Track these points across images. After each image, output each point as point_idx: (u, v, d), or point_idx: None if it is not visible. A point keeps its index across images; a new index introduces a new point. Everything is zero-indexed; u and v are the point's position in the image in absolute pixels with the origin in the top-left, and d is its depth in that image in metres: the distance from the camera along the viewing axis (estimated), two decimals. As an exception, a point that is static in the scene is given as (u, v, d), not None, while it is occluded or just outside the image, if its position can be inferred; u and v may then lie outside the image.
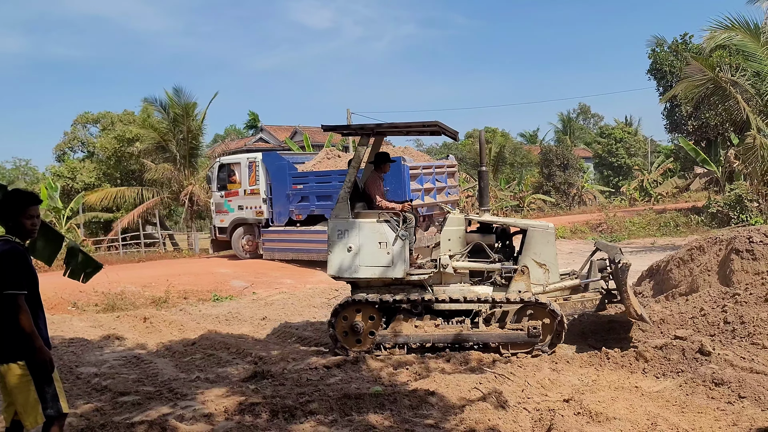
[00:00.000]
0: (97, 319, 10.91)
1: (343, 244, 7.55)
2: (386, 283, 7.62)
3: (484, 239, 7.72)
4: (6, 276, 3.86)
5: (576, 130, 70.47)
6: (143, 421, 5.38)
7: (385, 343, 7.46)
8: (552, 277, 7.50)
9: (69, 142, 37.16)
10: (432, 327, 7.42)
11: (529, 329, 7.11)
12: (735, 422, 4.84)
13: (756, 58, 17.70)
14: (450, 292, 7.50)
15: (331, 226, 7.69)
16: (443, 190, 16.32)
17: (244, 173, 18.10)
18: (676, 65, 29.52)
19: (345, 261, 7.55)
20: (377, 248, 7.46)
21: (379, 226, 7.51)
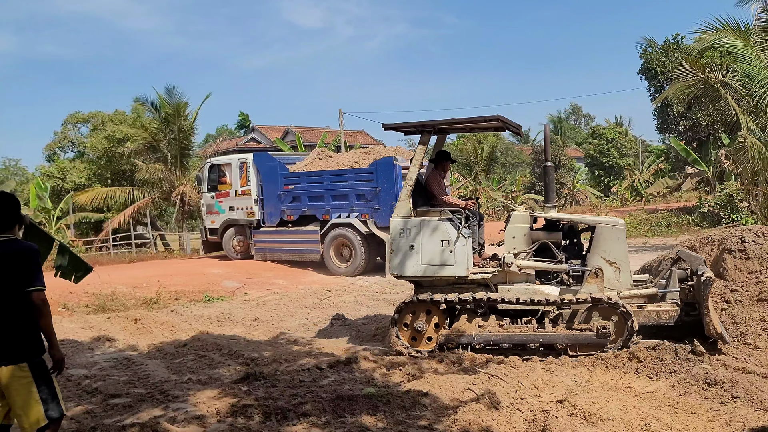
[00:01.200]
0: (87, 320, 10.83)
1: (405, 242, 7.44)
2: (449, 282, 7.47)
3: (550, 237, 7.48)
4: (33, 272, 3.98)
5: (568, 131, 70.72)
6: (134, 424, 5.33)
7: (448, 344, 7.28)
8: (623, 276, 7.20)
9: (59, 142, 36.94)
10: (496, 327, 7.23)
11: (599, 330, 6.84)
12: (728, 422, 4.85)
13: (745, 59, 17.79)
14: (516, 292, 7.28)
15: (393, 225, 7.55)
16: None
17: (234, 174, 18.02)
18: (668, 66, 29.68)
19: (407, 260, 7.43)
20: (440, 246, 7.33)
21: (442, 224, 7.37)
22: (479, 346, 7.19)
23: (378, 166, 15.06)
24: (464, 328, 7.29)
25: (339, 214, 15.70)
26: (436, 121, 7.62)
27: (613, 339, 6.86)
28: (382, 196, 14.90)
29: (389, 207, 14.44)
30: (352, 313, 10.59)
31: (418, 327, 7.45)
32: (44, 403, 4.00)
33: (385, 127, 7.79)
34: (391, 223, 7.58)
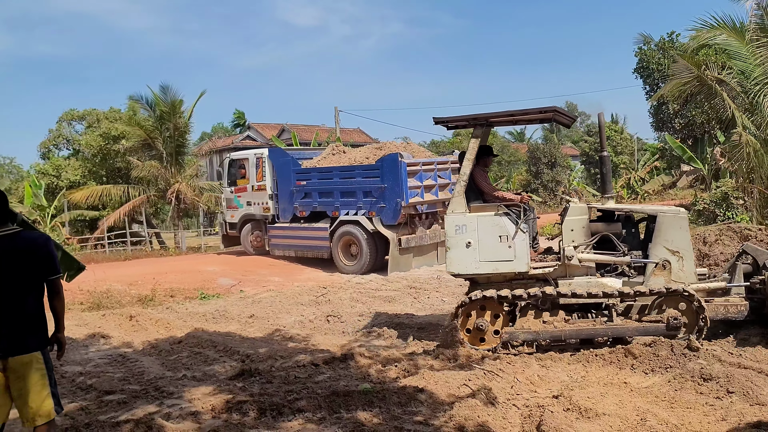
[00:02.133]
0: (82, 317, 10.79)
1: (462, 239, 7.26)
2: (507, 279, 7.35)
3: (609, 229, 7.36)
4: (53, 261, 4.11)
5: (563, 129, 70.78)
6: (129, 420, 5.31)
7: (512, 341, 7.09)
8: (687, 266, 7.06)
9: (54, 140, 36.73)
10: (561, 322, 7.04)
11: (669, 320, 6.73)
12: (724, 417, 4.85)
13: (740, 57, 17.81)
14: (580, 285, 7.14)
15: (448, 222, 7.38)
16: (447, 186, 15.44)
17: (251, 169, 17.89)
18: (663, 63, 29.70)
19: (464, 257, 7.26)
20: (498, 242, 7.17)
21: (499, 219, 7.21)
22: (545, 343, 7.03)
23: (383, 163, 14.79)
24: (529, 325, 7.10)
25: (347, 211, 15.47)
26: (489, 114, 7.45)
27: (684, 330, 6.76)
28: (388, 193, 14.67)
29: (395, 205, 14.39)
30: (347, 310, 10.59)
31: (480, 325, 7.21)
32: (53, 397, 4.04)
33: (435, 120, 7.60)
34: (446, 220, 7.41)
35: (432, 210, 15.51)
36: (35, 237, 4.14)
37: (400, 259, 14.92)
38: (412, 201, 14.63)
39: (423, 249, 15.46)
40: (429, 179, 15.15)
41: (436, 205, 15.44)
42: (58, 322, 4.24)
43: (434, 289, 12.29)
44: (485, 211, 7.35)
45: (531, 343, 7.06)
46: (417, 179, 14.78)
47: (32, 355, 3.99)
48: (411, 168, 14.61)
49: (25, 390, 3.96)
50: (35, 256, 4.03)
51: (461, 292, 11.90)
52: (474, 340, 7.27)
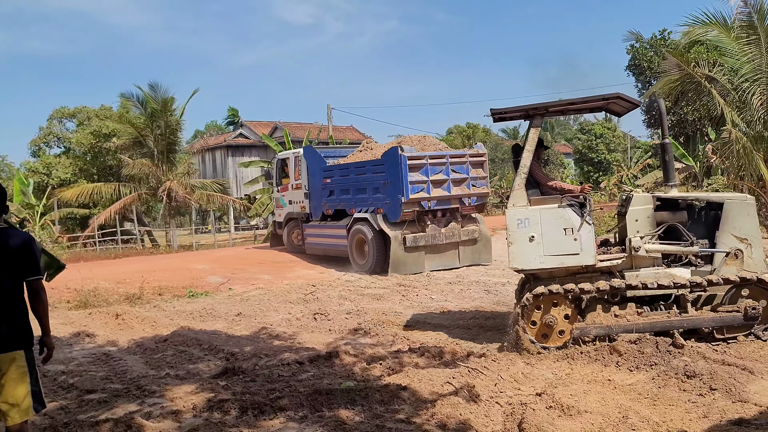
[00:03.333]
0: (68, 316, 10.72)
1: (524, 234, 6.98)
2: (570, 272, 7.10)
3: (675, 218, 7.13)
4: (35, 262, 4.07)
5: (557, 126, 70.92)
6: (108, 419, 5.25)
7: (584, 336, 6.84)
8: (756, 253, 6.83)
9: (44, 137, 36.60)
10: (634, 315, 6.85)
11: (747, 310, 6.55)
12: (705, 414, 4.83)
13: (731, 54, 17.84)
14: (647, 277, 6.94)
15: (509, 217, 7.09)
16: (463, 182, 14.56)
17: (291, 168, 17.86)
18: (655, 61, 29.74)
19: (528, 252, 6.99)
20: (562, 235, 6.93)
21: (563, 212, 6.97)
22: (618, 337, 6.78)
23: (386, 157, 14.37)
24: (600, 319, 6.91)
25: (360, 209, 15.16)
26: (547, 104, 7.24)
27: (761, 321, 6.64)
28: (390, 189, 14.18)
29: (397, 201, 13.88)
30: (335, 308, 10.54)
31: (549, 321, 6.96)
32: (33, 395, 3.99)
33: (493, 112, 7.40)
34: (507, 214, 7.12)
35: (444, 207, 14.62)
36: (23, 236, 4.11)
37: (408, 258, 14.21)
38: (414, 197, 13.90)
39: (438, 248, 14.64)
40: (439, 174, 14.28)
41: (450, 202, 14.57)
42: (42, 326, 4.19)
43: (423, 287, 12.26)
44: (547, 203, 7.11)
45: (603, 338, 6.84)
46: (422, 174, 14.03)
47: (15, 353, 3.95)
48: (413, 162, 13.92)
49: (4, 388, 3.92)
50: (19, 254, 3.99)
51: (450, 290, 11.94)
52: (541, 338, 7.03)
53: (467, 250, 14.96)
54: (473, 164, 14.82)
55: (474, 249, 15.07)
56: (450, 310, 10.05)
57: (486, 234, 15.32)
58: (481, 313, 9.53)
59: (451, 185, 14.42)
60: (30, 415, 4.02)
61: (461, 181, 14.60)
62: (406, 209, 13.97)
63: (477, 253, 15.12)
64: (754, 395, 5.10)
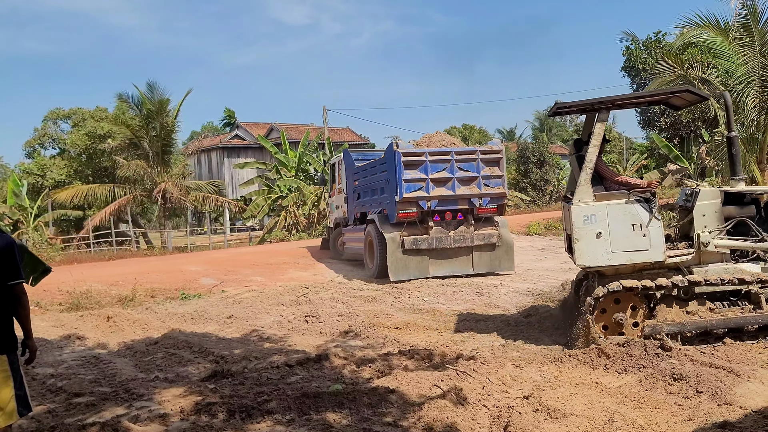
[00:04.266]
0: (59, 318, 10.68)
1: (591, 230, 6.85)
2: (636, 269, 7.00)
3: (744, 212, 7.04)
4: (16, 265, 4.05)
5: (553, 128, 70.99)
6: (95, 423, 5.24)
7: (655, 334, 6.76)
8: None
9: (39, 139, 36.53)
10: (706, 312, 6.80)
11: None
12: (691, 417, 4.84)
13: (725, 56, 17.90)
14: (717, 272, 6.87)
15: (575, 213, 6.93)
16: (472, 180, 13.36)
17: (337, 173, 17.74)
18: (649, 63, 29.82)
19: (595, 249, 6.86)
20: (630, 231, 6.83)
21: (631, 207, 6.86)
22: (690, 334, 6.76)
23: (387, 154, 13.74)
24: (671, 316, 6.86)
25: (373, 210, 14.61)
26: (614, 97, 7.16)
27: None
28: (390, 187, 13.45)
29: (393, 200, 13.24)
30: (327, 310, 10.53)
31: (619, 319, 6.92)
32: (17, 399, 3.98)
33: (558, 106, 7.30)
34: (573, 211, 6.95)
35: (450, 207, 13.50)
36: (1, 237, 4.09)
37: (409, 261, 13.38)
38: (409, 196, 13.00)
39: (446, 253, 13.58)
40: (443, 172, 13.25)
41: (458, 202, 13.42)
42: (24, 329, 4.19)
43: (416, 289, 12.26)
44: (613, 199, 6.99)
45: (675, 335, 6.78)
46: (421, 171, 13.10)
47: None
48: (409, 158, 13.05)
49: None
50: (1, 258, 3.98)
51: (442, 291, 11.94)
52: (611, 336, 6.94)
53: (484, 257, 13.71)
54: (486, 161, 13.52)
55: (493, 255, 13.76)
56: (442, 312, 10.05)
57: (508, 239, 13.89)
58: (473, 315, 9.53)
59: (456, 184, 13.26)
60: (14, 418, 4.01)
61: (470, 180, 13.39)
62: (401, 209, 13.16)
63: (496, 260, 13.82)
64: (740, 398, 5.12)
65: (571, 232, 7.00)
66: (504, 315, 9.59)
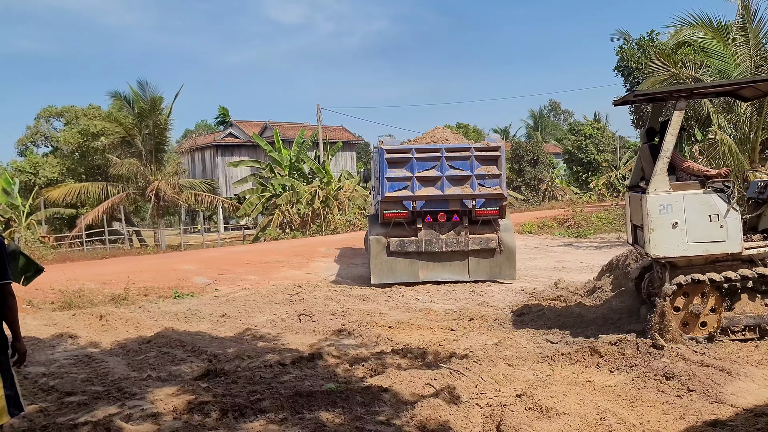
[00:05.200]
0: (51, 317, 10.62)
1: (667, 220, 6.76)
2: (709, 260, 6.93)
3: None
4: (3, 265, 4.01)
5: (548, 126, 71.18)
6: (87, 422, 5.23)
7: (733, 326, 6.74)
8: None
9: (31, 137, 36.38)
10: None
11: None
12: (682, 416, 4.87)
13: (718, 55, 17.97)
14: None
15: (651, 202, 6.83)
16: (465, 180, 12.40)
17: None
18: (642, 62, 29.89)
19: (671, 239, 6.78)
20: (707, 222, 6.74)
21: (708, 197, 6.78)
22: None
23: (374, 152, 13.19)
24: (750, 309, 6.80)
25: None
26: (693, 87, 7.03)
27: None
28: (378, 186, 12.91)
29: (377, 200, 12.85)
30: (321, 308, 10.52)
31: (695, 311, 6.86)
32: (7, 399, 3.95)
33: (635, 95, 7.18)
34: (648, 200, 6.85)
35: (438, 208, 12.67)
36: None
37: (396, 264, 12.65)
38: (392, 195, 12.32)
39: (439, 257, 12.74)
40: (431, 170, 12.41)
41: (448, 203, 12.55)
42: (12, 330, 4.14)
43: (409, 288, 12.26)
44: (689, 188, 6.92)
45: (753, 328, 6.72)
46: (407, 169, 12.37)
47: None
48: (393, 156, 12.37)
49: None
50: None
51: (435, 290, 11.96)
52: (683, 327, 6.92)
53: (482, 263, 12.71)
54: (482, 159, 12.50)
55: (492, 262, 12.72)
56: (435, 311, 10.06)
57: (509, 244, 12.71)
58: (466, 314, 9.55)
59: (446, 183, 12.39)
60: (5, 419, 3.99)
61: (463, 179, 12.43)
62: (386, 209, 12.52)
63: (496, 266, 12.74)
64: (731, 396, 5.16)
65: (645, 222, 6.91)
66: (497, 314, 9.61)
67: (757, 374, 5.68)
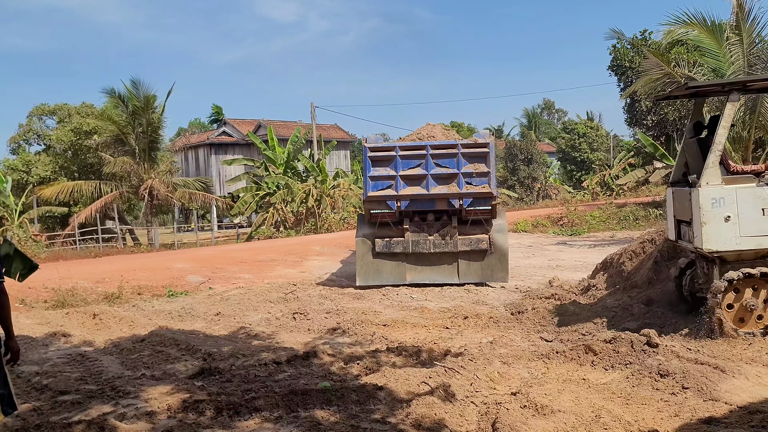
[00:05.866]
0: (45, 316, 10.58)
1: (719, 214, 6.72)
2: (760, 255, 6.87)
3: None
4: None
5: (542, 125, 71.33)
6: (81, 421, 5.20)
7: None
8: None
9: (24, 135, 36.20)
10: None
11: None
12: (677, 413, 4.88)
13: (712, 54, 18.03)
14: None
15: (703, 196, 6.76)
16: (451, 178, 11.86)
17: None
18: (636, 61, 29.97)
19: (723, 233, 6.74)
20: (760, 216, 6.70)
21: (762, 191, 6.74)
22: None
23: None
24: None
25: None
26: (746, 79, 6.97)
27: None
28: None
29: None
30: (315, 307, 10.51)
31: (751, 305, 6.81)
32: (0, 398, 3.93)
33: (687, 86, 7.08)
34: (701, 193, 6.79)
35: (424, 208, 12.23)
36: None
37: (380, 266, 12.30)
38: (375, 194, 11.92)
39: (427, 259, 12.31)
40: (416, 168, 11.95)
41: (434, 202, 12.05)
42: (5, 329, 4.11)
43: (404, 286, 12.24)
44: (742, 182, 6.89)
45: None
46: (391, 168, 11.93)
47: None
48: (377, 154, 11.97)
49: None
50: None
51: (430, 289, 11.94)
52: (738, 322, 6.87)
53: (473, 265, 12.20)
54: (470, 157, 11.91)
55: (484, 264, 12.19)
56: (430, 309, 10.06)
57: (501, 245, 12.14)
58: (461, 312, 9.55)
59: (431, 182, 11.90)
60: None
61: (449, 178, 11.91)
62: (371, 209, 12.23)
63: (488, 269, 12.19)
64: (725, 394, 5.17)
65: (696, 216, 6.88)
66: (492, 312, 9.62)
67: (751, 372, 5.70)
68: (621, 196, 37.66)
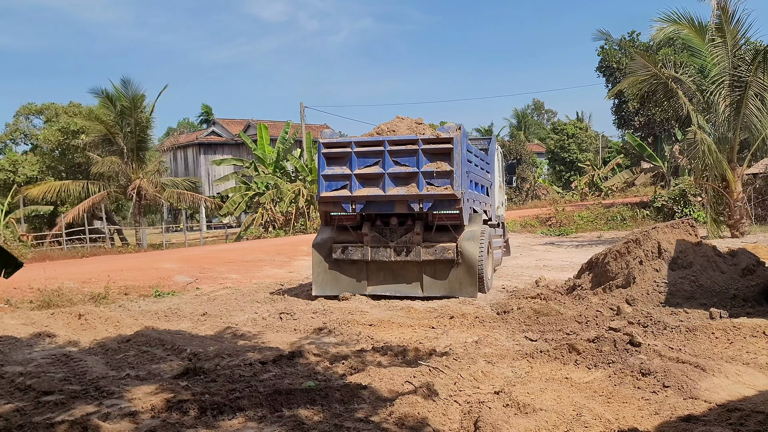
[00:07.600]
0: (30, 316, 10.53)
1: None
2: None
3: None
4: None
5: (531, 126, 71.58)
6: (64, 421, 5.18)
7: None
8: None
9: (11, 134, 35.96)
10: None
11: None
12: (657, 411, 4.92)
13: (700, 55, 18.20)
14: None
15: None
16: (410, 178, 10.55)
17: None
18: (624, 62, 30.19)
19: None
20: None
21: None
22: None
23: None
24: None
25: None
26: None
27: None
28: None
29: None
30: (302, 307, 10.52)
31: None
32: None
33: None
34: None
35: (382, 211, 11.01)
36: None
37: (338, 274, 11.35)
38: (328, 195, 10.87)
39: (389, 268, 11.18)
40: (373, 166, 10.71)
41: (393, 205, 10.73)
42: None
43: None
44: None
45: None
46: (346, 166, 10.80)
47: None
48: (331, 150, 10.90)
49: None
50: None
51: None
52: None
53: (438, 276, 10.95)
54: (431, 153, 10.52)
55: (451, 276, 10.87)
56: (416, 309, 10.08)
57: (470, 256, 10.76)
58: (447, 312, 9.58)
59: (389, 182, 10.60)
60: None
61: (408, 177, 10.57)
62: (327, 211, 11.31)
63: (455, 281, 10.86)
64: (705, 392, 5.23)
65: None
66: (478, 312, 9.65)
67: (731, 370, 5.76)
68: (609, 196, 37.88)
